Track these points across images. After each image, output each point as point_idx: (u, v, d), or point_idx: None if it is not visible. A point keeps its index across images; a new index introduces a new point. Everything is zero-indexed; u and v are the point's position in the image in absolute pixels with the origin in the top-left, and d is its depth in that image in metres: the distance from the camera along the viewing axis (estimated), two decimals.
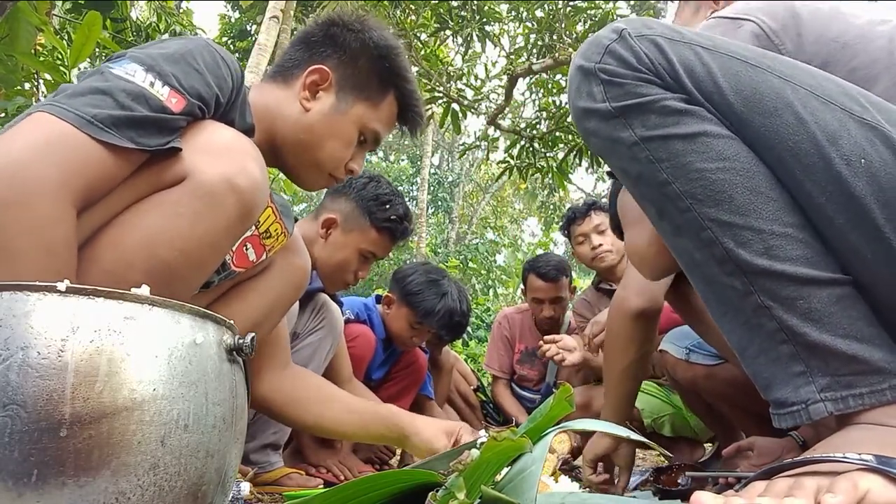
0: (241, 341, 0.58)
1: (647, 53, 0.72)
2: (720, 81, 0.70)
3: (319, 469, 1.84)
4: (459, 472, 0.59)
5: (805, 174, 0.69)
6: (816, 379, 0.70)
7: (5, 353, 0.45)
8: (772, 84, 0.69)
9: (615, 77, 0.73)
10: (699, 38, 0.72)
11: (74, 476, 0.45)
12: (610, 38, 0.74)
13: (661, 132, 0.71)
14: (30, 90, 2.98)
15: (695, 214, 0.72)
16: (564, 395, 0.68)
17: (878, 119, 0.67)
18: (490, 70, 7.44)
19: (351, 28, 1.11)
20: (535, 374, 2.88)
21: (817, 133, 0.67)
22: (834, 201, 0.68)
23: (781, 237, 0.69)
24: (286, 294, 1.21)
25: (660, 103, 0.71)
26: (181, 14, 6.97)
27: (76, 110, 0.74)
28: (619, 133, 0.74)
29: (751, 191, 0.70)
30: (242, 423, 0.59)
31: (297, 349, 1.67)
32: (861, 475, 0.62)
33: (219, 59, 0.90)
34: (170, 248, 0.80)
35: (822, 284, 0.69)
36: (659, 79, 0.72)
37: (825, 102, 0.68)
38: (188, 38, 0.91)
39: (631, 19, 0.77)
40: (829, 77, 0.72)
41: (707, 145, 0.70)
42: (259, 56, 4.14)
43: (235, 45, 9.19)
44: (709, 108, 0.71)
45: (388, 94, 1.13)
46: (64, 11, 4.10)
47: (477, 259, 11.86)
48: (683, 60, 0.71)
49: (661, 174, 0.73)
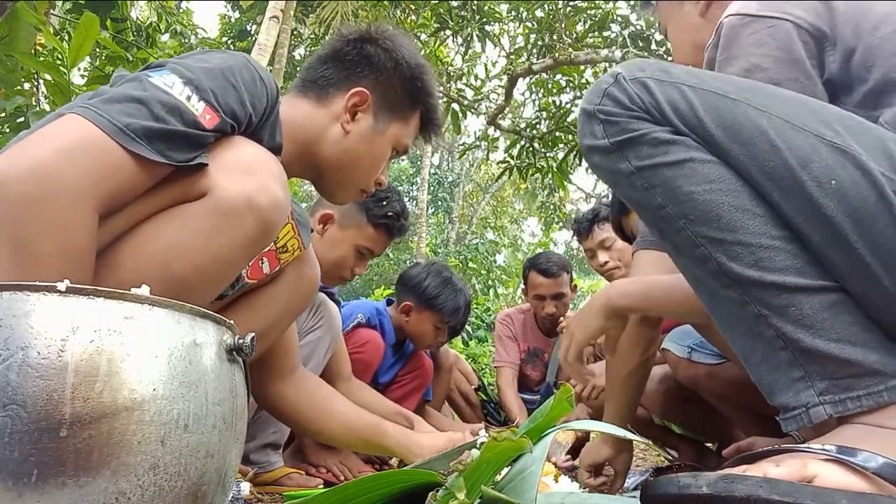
0: (241, 341, 0.58)
1: (638, 94, 0.79)
2: (702, 116, 0.77)
3: (319, 469, 1.84)
4: (459, 472, 0.59)
5: (782, 197, 0.74)
6: (815, 383, 0.73)
7: (5, 353, 0.45)
8: (749, 115, 0.75)
9: (611, 116, 0.81)
10: (685, 77, 0.79)
11: (74, 476, 0.45)
12: (608, 82, 0.82)
13: (652, 161, 0.79)
14: (29, 90, 2.98)
15: (689, 233, 0.78)
16: (565, 396, 0.68)
17: (849, 143, 0.72)
18: (490, 70, 7.44)
19: (384, 46, 1.12)
20: (536, 375, 2.88)
21: (790, 158, 0.72)
22: (809, 221, 0.73)
23: (770, 249, 0.74)
24: (295, 303, 1.21)
25: (650, 136, 0.79)
26: (181, 14, 6.97)
27: (110, 117, 0.74)
28: (618, 165, 0.82)
29: (737, 208, 0.75)
30: (242, 423, 0.59)
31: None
32: (814, 460, 0.66)
33: (256, 77, 0.90)
34: (185, 263, 0.80)
35: (811, 292, 0.73)
36: (649, 115, 0.79)
37: (799, 130, 0.73)
38: (229, 54, 0.91)
39: (628, 63, 0.85)
40: (806, 104, 0.77)
41: (694, 170, 0.77)
42: (259, 56, 4.14)
43: (235, 46, 9.19)
44: (694, 138, 0.78)
45: (417, 109, 1.16)
46: (64, 11, 4.10)
47: (477, 259, 11.86)
48: (669, 99, 0.78)
49: (656, 199, 0.80)
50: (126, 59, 3.35)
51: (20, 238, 0.68)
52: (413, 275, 2.24)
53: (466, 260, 11.54)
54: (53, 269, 0.68)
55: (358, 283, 12.11)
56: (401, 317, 2.20)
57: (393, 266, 13.05)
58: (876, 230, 0.70)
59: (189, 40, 6.71)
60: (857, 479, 0.64)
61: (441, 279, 2.20)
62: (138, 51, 3.86)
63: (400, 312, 2.20)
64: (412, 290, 2.19)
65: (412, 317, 2.18)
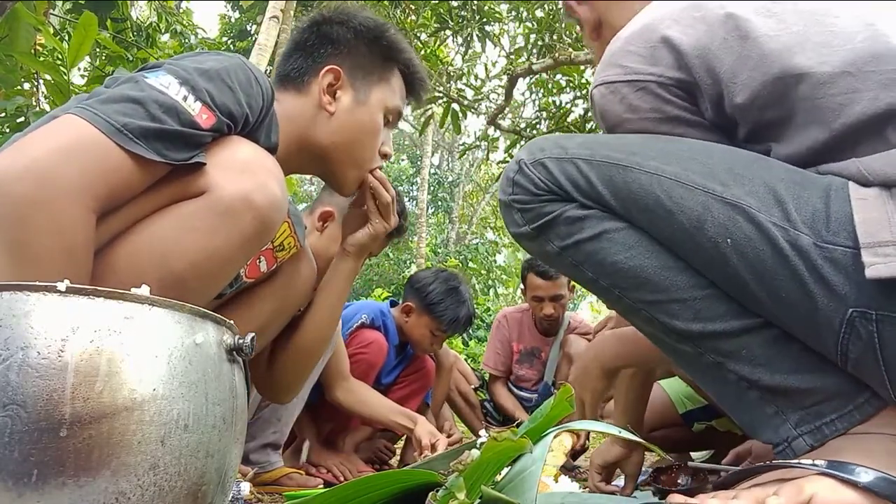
0: (241, 341, 0.58)
1: (540, 177, 0.81)
2: (600, 189, 0.77)
3: (320, 469, 1.84)
4: (459, 472, 0.59)
5: (689, 258, 0.75)
6: (789, 416, 0.73)
7: (5, 353, 0.45)
8: (641, 182, 0.75)
9: (524, 204, 0.82)
10: (579, 150, 0.80)
11: (74, 476, 0.45)
12: (513, 169, 0.83)
13: (572, 240, 0.80)
14: (29, 90, 2.98)
15: (627, 300, 0.79)
16: (565, 396, 0.68)
17: (738, 196, 0.71)
18: (490, 70, 7.44)
19: (338, 21, 1.12)
20: (533, 374, 2.88)
21: (684, 222, 0.72)
22: (717, 278, 0.73)
23: (703, 300, 0.74)
24: (292, 301, 1.21)
25: (563, 216, 0.80)
26: (181, 14, 6.97)
27: (107, 117, 0.74)
28: (545, 248, 0.83)
29: (661, 267, 0.76)
30: (242, 423, 0.59)
31: None
32: (808, 480, 0.65)
33: (252, 78, 0.90)
34: (183, 261, 0.80)
35: (754, 331, 0.73)
36: (556, 195, 0.80)
37: (689, 189, 0.73)
38: (225, 55, 0.91)
39: (530, 144, 0.86)
40: (695, 156, 0.75)
41: (611, 240, 0.78)
42: (259, 56, 4.14)
43: (235, 46, 9.19)
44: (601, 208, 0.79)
45: (394, 68, 1.14)
46: (64, 11, 4.10)
47: (477, 259, 11.86)
48: (568, 177, 0.79)
49: (587, 273, 0.81)
50: (126, 59, 3.35)
51: (19, 238, 0.68)
52: (421, 277, 2.24)
53: (466, 260, 11.54)
54: (52, 269, 0.68)
55: (358, 283, 12.11)
56: (402, 317, 2.20)
57: (393, 266, 13.04)
58: (776, 284, 0.69)
59: (189, 40, 6.71)
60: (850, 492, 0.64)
61: (447, 287, 2.19)
62: (138, 51, 3.86)
63: (401, 312, 2.20)
64: (417, 291, 2.19)
65: (411, 318, 2.18)
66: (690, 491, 1.20)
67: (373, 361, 2.02)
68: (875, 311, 0.64)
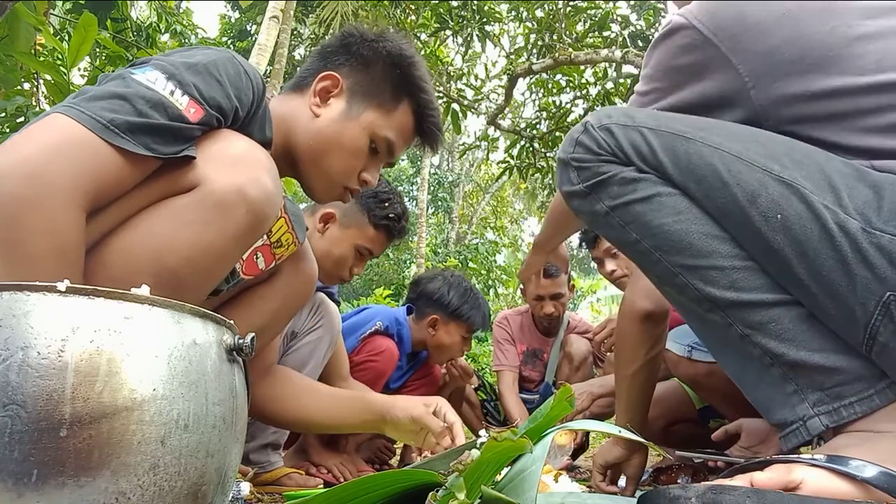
0: (241, 341, 0.58)
1: (605, 139, 0.85)
2: (661, 157, 0.81)
3: (320, 469, 1.84)
4: (459, 473, 0.59)
5: (735, 230, 0.78)
6: (808, 395, 0.75)
7: (5, 353, 0.45)
8: (702, 153, 0.79)
9: (583, 163, 0.87)
10: (646, 120, 0.84)
11: (74, 476, 0.45)
12: (578, 131, 0.88)
13: (623, 200, 0.84)
14: (29, 90, 2.98)
15: (665, 264, 0.82)
16: (565, 396, 0.68)
17: (794, 177, 0.74)
18: (490, 70, 7.44)
19: (366, 38, 1.10)
20: (536, 375, 2.87)
21: (738, 194, 0.76)
22: (760, 254, 0.77)
23: (742, 270, 0.77)
24: (292, 301, 1.21)
25: (618, 176, 0.84)
26: (181, 14, 6.98)
27: (93, 114, 0.74)
28: (594, 207, 0.87)
29: (706, 235, 0.79)
30: (242, 423, 0.59)
31: (296, 348, 1.67)
32: (800, 466, 0.68)
33: (241, 71, 0.90)
34: (177, 256, 0.79)
35: (788, 305, 0.76)
36: (616, 158, 0.85)
37: (748, 164, 0.76)
38: (213, 49, 0.90)
39: (597, 112, 0.90)
40: (758, 137, 0.79)
41: (661, 204, 0.81)
42: (259, 56, 4.14)
43: (235, 46, 9.19)
44: (658, 175, 0.83)
45: (402, 102, 1.10)
46: (64, 11, 4.10)
47: (477, 259, 11.85)
48: (632, 142, 0.83)
49: (631, 234, 0.84)
50: (126, 59, 3.35)
51: (9, 237, 0.68)
52: (434, 289, 2.25)
53: (466, 260, 11.53)
54: (43, 268, 0.68)
55: (358, 283, 12.11)
56: (426, 331, 2.21)
57: (393, 266, 13.04)
58: (819, 263, 0.72)
59: (189, 40, 6.71)
60: (845, 484, 0.66)
61: (462, 290, 2.24)
62: (138, 51, 3.86)
63: (428, 327, 2.21)
64: (437, 303, 2.21)
65: (439, 330, 2.20)
66: None
67: (382, 370, 2.03)
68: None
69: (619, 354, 1.31)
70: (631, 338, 1.27)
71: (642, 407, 1.34)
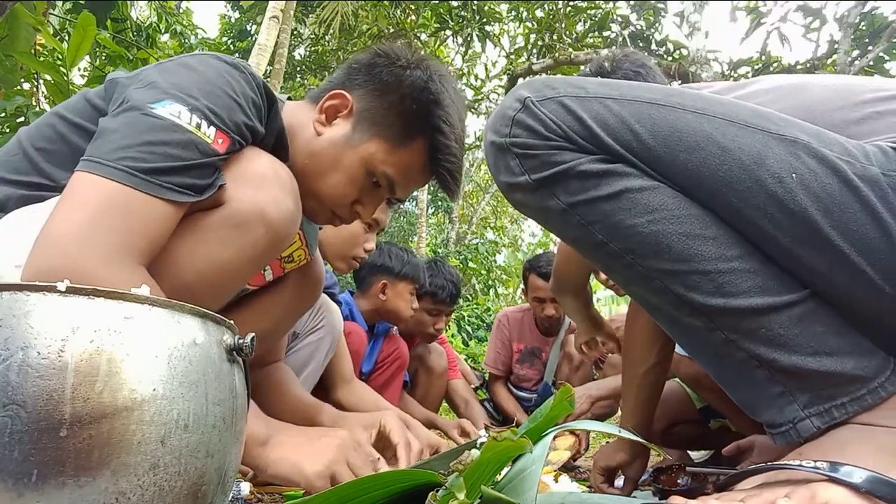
0: (241, 341, 0.58)
1: (555, 118, 0.71)
2: (636, 128, 0.69)
3: None
4: (459, 472, 0.59)
5: (742, 201, 0.68)
6: (798, 397, 0.70)
7: (5, 353, 0.45)
8: (687, 120, 0.69)
9: (528, 149, 0.72)
10: (605, 90, 0.71)
11: (74, 476, 0.45)
12: (514, 108, 0.73)
13: (585, 196, 0.71)
14: (29, 90, 2.98)
15: (640, 268, 0.72)
16: (565, 396, 0.68)
17: (795, 133, 0.67)
18: (490, 70, 7.44)
19: (395, 63, 1.01)
20: (534, 374, 2.88)
21: (743, 158, 0.67)
22: (776, 221, 0.67)
23: (728, 273, 0.69)
24: (298, 305, 1.21)
25: (577, 169, 0.71)
26: (181, 14, 6.98)
27: (129, 168, 0.71)
28: (546, 203, 0.74)
29: (686, 236, 0.69)
30: (242, 423, 0.59)
31: (297, 349, 1.68)
32: (823, 486, 0.63)
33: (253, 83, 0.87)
34: (193, 273, 0.79)
35: (779, 309, 0.69)
36: (571, 143, 0.71)
37: (742, 127, 0.68)
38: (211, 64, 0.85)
39: (532, 81, 0.75)
40: (737, 102, 0.72)
41: (632, 201, 0.70)
42: (259, 56, 4.14)
43: (235, 46, 9.19)
44: (629, 161, 0.71)
45: (414, 140, 1.01)
46: (63, 11, 4.10)
47: (477, 259, 11.85)
48: (595, 116, 0.70)
49: (596, 236, 0.73)
50: (126, 59, 3.35)
51: None
52: (375, 257, 2.35)
53: (466, 260, 11.53)
54: None
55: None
56: (378, 298, 2.28)
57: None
58: (847, 218, 0.65)
59: (189, 40, 6.71)
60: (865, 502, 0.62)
61: (398, 251, 2.38)
62: (138, 51, 3.86)
63: (379, 293, 2.29)
64: (381, 269, 2.30)
65: (389, 292, 2.28)
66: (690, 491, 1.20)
67: (356, 350, 2.08)
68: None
69: (629, 354, 1.25)
70: (640, 337, 1.21)
71: (650, 408, 1.28)
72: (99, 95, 0.88)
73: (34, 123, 0.91)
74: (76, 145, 0.85)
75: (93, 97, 0.89)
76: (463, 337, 8.25)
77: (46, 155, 0.86)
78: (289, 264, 1.12)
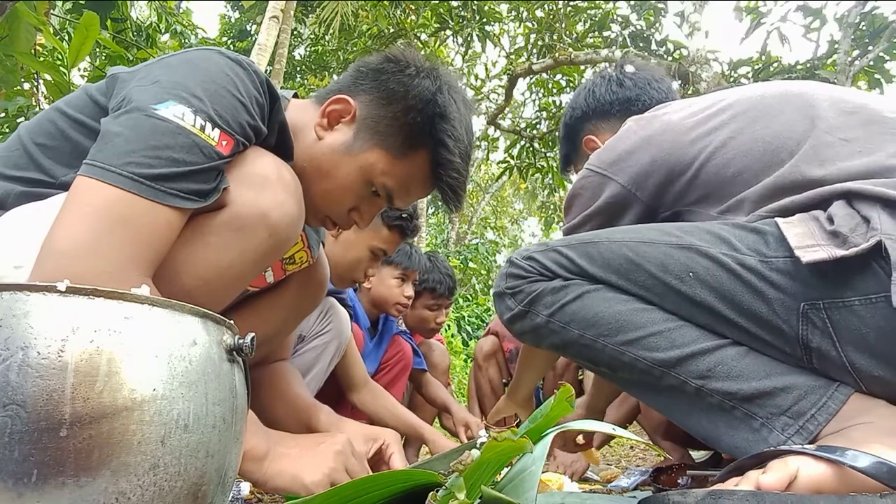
0: (241, 341, 0.58)
1: (528, 265, 0.99)
2: (580, 262, 0.95)
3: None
4: (459, 472, 0.59)
5: (661, 301, 0.89)
6: (774, 424, 0.81)
7: (5, 353, 0.45)
8: (611, 248, 0.93)
9: (515, 289, 1.00)
10: (558, 242, 0.99)
11: (74, 476, 0.45)
12: (506, 268, 1.02)
13: (557, 305, 0.96)
14: (29, 90, 2.98)
15: (611, 348, 0.91)
16: (565, 396, 0.68)
17: (691, 241, 0.87)
18: (490, 70, 7.44)
19: (403, 71, 0.99)
20: None
21: (651, 268, 0.89)
22: (688, 312, 0.87)
23: (676, 329, 0.87)
24: (301, 307, 1.20)
25: (548, 288, 0.97)
26: (181, 14, 6.98)
27: (133, 174, 0.70)
28: (534, 321, 0.99)
29: (636, 310, 0.90)
30: (242, 423, 0.59)
31: (302, 352, 1.68)
32: (793, 457, 0.71)
33: (256, 81, 0.85)
34: (194, 277, 0.78)
35: (725, 347, 0.85)
36: (542, 276, 0.98)
37: (649, 244, 0.90)
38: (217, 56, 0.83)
39: (515, 252, 1.04)
40: (650, 227, 0.95)
41: (592, 298, 0.93)
42: (259, 56, 4.14)
43: (235, 46, 9.19)
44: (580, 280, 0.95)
45: (416, 152, 0.99)
46: (64, 11, 4.10)
47: (477, 259, 11.85)
48: (554, 260, 0.97)
49: (572, 332, 0.95)
50: (126, 59, 3.35)
51: None
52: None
53: (466, 260, 11.53)
54: None
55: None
56: (366, 290, 2.27)
57: None
58: (737, 299, 0.82)
59: (189, 40, 6.71)
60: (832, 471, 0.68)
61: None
62: (138, 51, 3.86)
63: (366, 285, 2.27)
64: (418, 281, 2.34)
65: (373, 280, 2.26)
66: None
67: None
68: (822, 301, 0.77)
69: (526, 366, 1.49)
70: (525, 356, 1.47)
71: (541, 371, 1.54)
72: (100, 91, 0.87)
73: (35, 118, 0.89)
74: (77, 141, 0.84)
75: (94, 92, 0.87)
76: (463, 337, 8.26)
77: (46, 150, 0.84)
78: (290, 266, 1.11)
